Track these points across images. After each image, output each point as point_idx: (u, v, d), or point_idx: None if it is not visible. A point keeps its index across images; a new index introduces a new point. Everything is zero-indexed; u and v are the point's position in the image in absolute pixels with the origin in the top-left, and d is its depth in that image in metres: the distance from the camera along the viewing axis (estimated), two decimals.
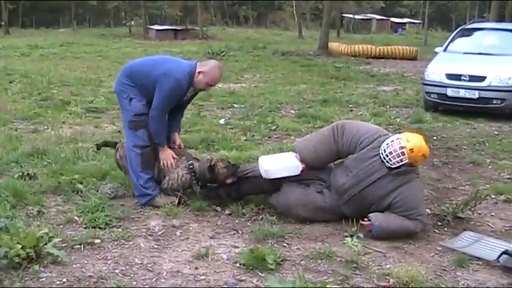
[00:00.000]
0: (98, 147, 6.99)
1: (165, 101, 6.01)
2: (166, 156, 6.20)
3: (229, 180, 6.17)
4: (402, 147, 5.38)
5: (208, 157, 6.48)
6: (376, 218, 5.43)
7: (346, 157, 5.78)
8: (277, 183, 5.96)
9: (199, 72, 6.01)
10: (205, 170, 6.13)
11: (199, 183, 6.21)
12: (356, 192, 5.59)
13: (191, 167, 6.17)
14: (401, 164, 5.42)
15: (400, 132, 5.96)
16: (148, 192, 6.12)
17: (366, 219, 5.49)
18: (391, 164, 5.44)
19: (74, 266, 4.66)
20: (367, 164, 5.56)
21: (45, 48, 27.91)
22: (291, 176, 5.90)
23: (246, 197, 6.31)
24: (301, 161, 5.80)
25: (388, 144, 5.46)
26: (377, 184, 5.52)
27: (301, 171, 5.84)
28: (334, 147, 5.75)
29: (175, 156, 6.23)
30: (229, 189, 6.25)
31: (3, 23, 47.96)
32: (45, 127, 10.06)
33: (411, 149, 5.38)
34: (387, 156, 5.42)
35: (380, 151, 5.50)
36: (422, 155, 5.51)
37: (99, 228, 5.43)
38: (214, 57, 22.20)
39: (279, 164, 5.89)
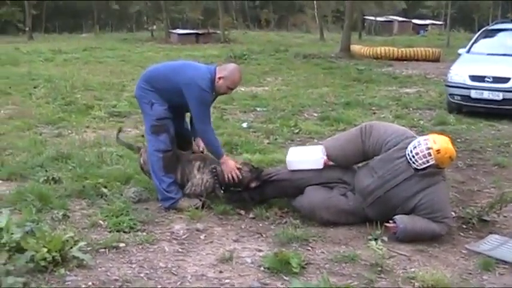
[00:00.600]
0: (120, 142, 6.99)
1: (200, 110, 6.04)
2: (230, 167, 6.14)
3: (253, 184, 6.18)
4: (429, 148, 5.35)
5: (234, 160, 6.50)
6: (401, 220, 5.40)
7: (372, 158, 5.76)
8: (301, 186, 5.96)
9: (219, 78, 6.03)
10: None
11: (223, 188, 6.23)
12: (381, 193, 5.57)
13: (214, 171, 6.17)
14: (427, 165, 5.38)
15: (424, 134, 5.93)
16: (171, 196, 6.14)
17: (390, 221, 5.46)
18: (417, 165, 5.41)
19: (99, 269, 4.69)
20: (393, 165, 5.54)
21: (68, 53, 28.09)
22: (312, 173, 6.01)
23: (269, 201, 6.31)
24: (328, 158, 5.79)
25: (414, 145, 5.44)
26: (402, 186, 5.49)
27: (324, 165, 5.90)
28: (361, 147, 5.75)
29: (239, 166, 6.23)
30: (252, 193, 6.25)
31: (27, 29, 48.43)
32: (69, 131, 10.14)
33: (438, 150, 5.35)
34: (413, 157, 5.39)
35: (406, 152, 5.48)
36: (449, 157, 5.48)
37: (124, 232, 5.46)
38: (236, 61, 22.24)
39: (302, 156, 5.99)
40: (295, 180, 6.07)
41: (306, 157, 5.97)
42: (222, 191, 6.25)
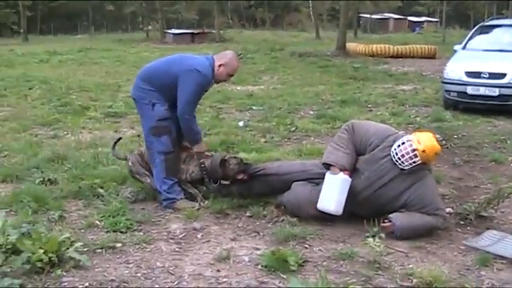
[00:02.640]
0: (115, 154, 6.96)
1: (193, 96, 6.06)
2: (201, 149, 6.31)
3: (239, 176, 6.20)
4: (414, 150, 5.34)
5: (222, 153, 6.58)
6: (397, 218, 5.41)
7: (357, 157, 5.75)
8: (288, 181, 5.99)
9: (220, 65, 6.09)
10: (217, 164, 6.18)
11: (211, 180, 6.29)
12: (369, 194, 5.59)
13: (203, 166, 6.24)
14: (414, 165, 5.40)
15: (417, 131, 5.92)
16: (172, 196, 6.14)
17: (386, 220, 5.46)
18: (403, 166, 5.43)
19: (96, 270, 4.67)
20: (378, 165, 5.56)
21: (63, 55, 28.09)
22: (299, 168, 6.10)
23: (265, 199, 6.29)
24: (341, 170, 5.61)
25: (399, 146, 5.42)
26: (390, 185, 5.52)
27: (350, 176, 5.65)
28: (354, 145, 5.74)
29: (208, 154, 6.36)
30: (241, 188, 6.29)
31: (21, 30, 48.45)
32: (65, 132, 10.11)
33: (423, 151, 5.35)
34: (399, 159, 5.40)
35: (391, 153, 5.48)
36: (435, 153, 5.51)
37: (121, 232, 5.44)
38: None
39: (333, 195, 5.59)
40: (282, 175, 6.10)
41: (336, 192, 5.59)
42: (211, 184, 6.31)
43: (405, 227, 5.36)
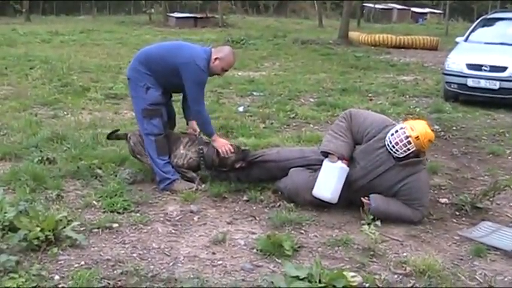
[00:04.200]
0: (109, 137, 6.97)
1: (197, 88, 6.14)
2: (222, 143, 6.31)
3: (238, 165, 6.27)
4: (408, 137, 5.39)
5: None
6: (375, 200, 5.53)
7: (354, 146, 5.80)
8: (286, 168, 6.04)
9: (215, 59, 6.14)
10: (213, 154, 6.26)
11: (207, 167, 6.37)
12: (365, 183, 5.66)
13: (201, 152, 6.29)
14: (408, 152, 5.44)
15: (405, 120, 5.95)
16: (168, 177, 6.19)
17: (366, 197, 5.57)
18: (398, 154, 5.46)
19: (92, 249, 4.71)
20: (374, 155, 5.61)
21: (65, 35, 27.96)
22: (297, 155, 6.18)
23: (262, 184, 6.33)
24: (340, 159, 5.66)
25: (393, 134, 5.47)
26: (385, 175, 5.58)
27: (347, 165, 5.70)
28: (352, 133, 5.75)
29: (231, 143, 6.42)
30: (239, 174, 6.34)
31: (24, 10, 48.17)
32: (65, 113, 10.12)
33: (417, 137, 5.40)
34: (394, 147, 5.44)
35: (386, 142, 5.52)
36: (429, 140, 5.55)
37: (118, 212, 5.49)
38: (234, 46, 22.18)
39: (330, 183, 5.64)
40: (280, 161, 6.15)
41: (333, 179, 5.63)
42: (209, 171, 6.40)
43: (380, 211, 5.46)
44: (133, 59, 6.43)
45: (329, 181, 5.64)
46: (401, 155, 5.46)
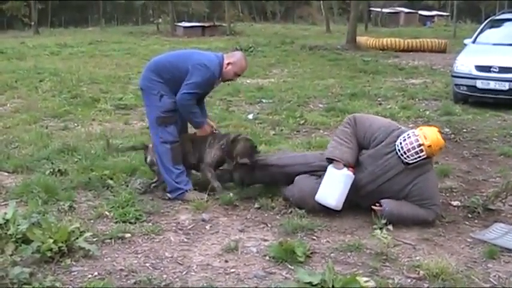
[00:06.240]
0: (118, 150, 6.99)
1: (197, 86, 6.11)
2: (206, 131, 6.40)
3: (243, 160, 6.28)
4: (420, 145, 5.39)
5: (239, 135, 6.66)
6: (388, 204, 5.50)
7: (360, 151, 5.79)
8: (289, 173, 6.06)
9: (228, 64, 6.19)
10: (228, 141, 6.33)
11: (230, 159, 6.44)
12: (374, 188, 5.65)
13: (223, 146, 6.35)
14: (419, 160, 5.45)
15: (425, 125, 5.93)
16: (180, 187, 6.19)
17: (377, 204, 5.55)
18: (408, 160, 5.47)
19: (105, 259, 4.71)
20: (383, 161, 5.60)
21: (74, 47, 28.14)
22: (300, 161, 6.22)
23: (274, 190, 6.32)
24: (345, 166, 5.63)
25: (404, 140, 5.46)
26: (394, 180, 5.57)
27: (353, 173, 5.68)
28: (357, 138, 5.75)
29: (214, 131, 6.51)
30: (243, 175, 6.38)
31: (32, 23, 48.52)
32: (75, 124, 10.16)
33: (429, 146, 5.41)
34: (405, 153, 5.44)
35: (396, 148, 5.52)
36: (440, 148, 5.59)
37: (130, 222, 5.49)
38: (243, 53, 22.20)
39: (336, 190, 5.63)
40: (283, 166, 6.19)
41: (339, 186, 5.62)
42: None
43: (394, 214, 5.46)
44: (144, 69, 6.45)
45: (334, 188, 5.62)
46: (412, 162, 5.46)
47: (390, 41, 29.32)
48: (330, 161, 5.72)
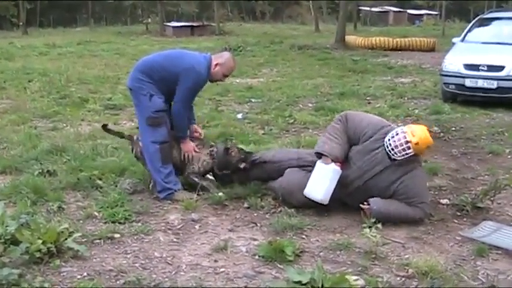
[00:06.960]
0: (108, 130, 6.87)
1: (190, 93, 6.18)
2: (189, 148, 6.35)
3: (242, 165, 6.36)
4: (408, 142, 5.42)
5: (224, 143, 6.76)
6: (375, 203, 5.53)
7: (350, 147, 5.81)
8: (282, 168, 6.12)
9: (216, 65, 6.19)
10: (221, 152, 6.34)
11: (220, 168, 6.45)
12: (360, 184, 5.67)
13: (213, 153, 6.38)
14: (406, 156, 5.48)
15: (414, 123, 5.95)
16: (169, 187, 6.17)
17: (365, 203, 5.58)
18: (396, 157, 5.51)
19: (94, 260, 4.71)
20: (370, 156, 5.64)
21: (63, 47, 28.02)
22: (293, 156, 6.27)
23: (263, 191, 6.36)
24: (333, 161, 5.66)
25: (393, 137, 5.50)
26: (380, 175, 5.60)
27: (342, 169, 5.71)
28: (347, 135, 5.78)
29: (197, 150, 6.41)
30: (241, 176, 6.46)
31: (21, 23, 48.33)
32: (64, 125, 10.13)
33: (416, 143, 5.43)
34: (392, 149, 5.48)
35: (384, 144, 5.55)
36: (427, 146, 5.60)
37: (119, 223, 5.48)
38: (232, 53, 22.17)
39: (323, 184, 5.65)
40: (277, 162, 6.25)
41: (326, 180, 5.64)
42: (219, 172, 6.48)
43: (382, 213, 5.47)
44: (133, 69, 6.41)
45: (321, 182, 5.65)
46: (399, 158, 5.49)
47: (379, 40, 29.37)
48: (319, 155, 5.74)
